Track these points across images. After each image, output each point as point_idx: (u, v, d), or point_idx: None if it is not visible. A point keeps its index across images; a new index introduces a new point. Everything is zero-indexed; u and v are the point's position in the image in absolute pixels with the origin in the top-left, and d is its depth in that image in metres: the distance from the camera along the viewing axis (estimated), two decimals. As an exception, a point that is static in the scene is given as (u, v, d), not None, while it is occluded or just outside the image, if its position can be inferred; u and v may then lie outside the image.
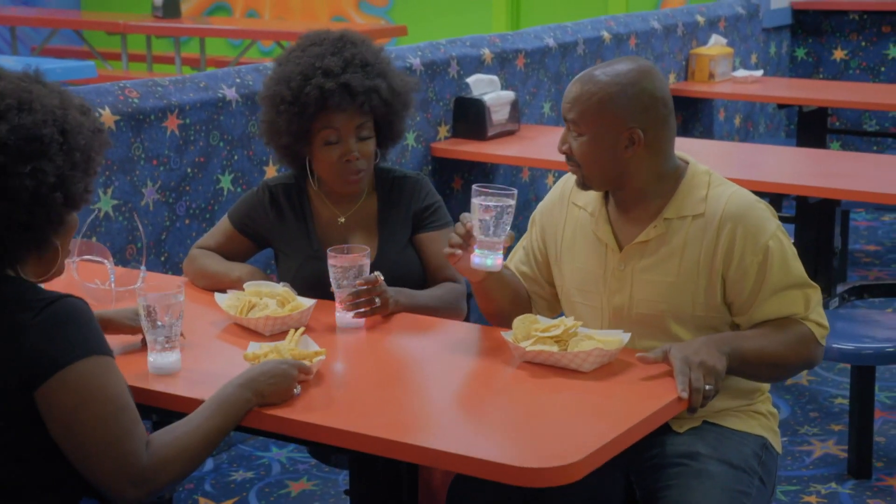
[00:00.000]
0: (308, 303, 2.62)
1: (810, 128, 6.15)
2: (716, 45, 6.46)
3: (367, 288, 2.59)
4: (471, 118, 4.83)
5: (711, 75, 6.31)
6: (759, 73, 6.49)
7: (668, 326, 2.48)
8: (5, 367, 1.95)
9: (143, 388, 2.27)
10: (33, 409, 1.95)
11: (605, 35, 5.80)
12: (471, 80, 4.88)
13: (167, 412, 2.31)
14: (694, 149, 4.58)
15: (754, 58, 7.11)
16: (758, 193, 2.57)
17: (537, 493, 2.37)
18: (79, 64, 5.79)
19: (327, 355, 2.34)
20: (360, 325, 2.63)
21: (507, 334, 2.40)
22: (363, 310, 2.60)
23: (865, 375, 3.76)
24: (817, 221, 4.63)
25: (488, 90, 4.90)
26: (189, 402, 2.20)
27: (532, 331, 2.38)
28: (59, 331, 1.96)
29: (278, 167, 4.11)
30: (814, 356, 2.47)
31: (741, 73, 6.42)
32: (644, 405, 2.17)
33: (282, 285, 2.71)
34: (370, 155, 2.85)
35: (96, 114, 2.15)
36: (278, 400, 2.16)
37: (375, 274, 2.63)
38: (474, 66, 4.98)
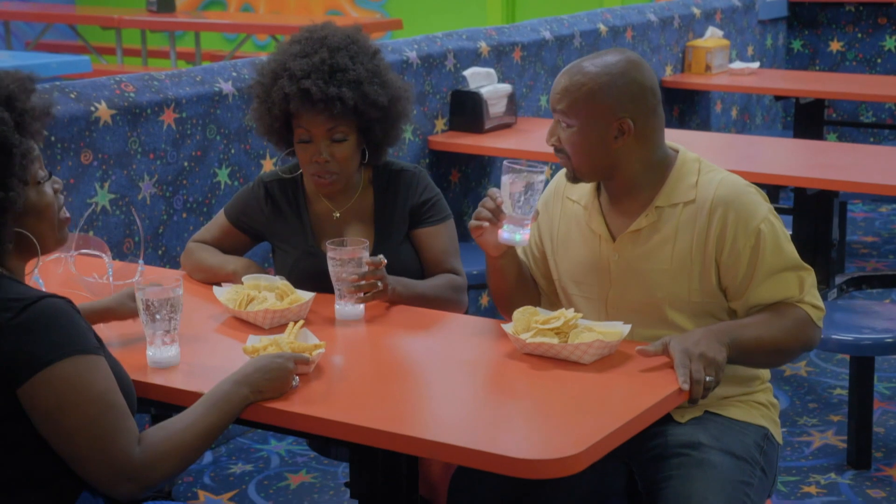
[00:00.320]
0: (307, 296, 2.61)
1: (807, 119, 6.15)
2: (712, 37, 6.46)
3: (371, 270, 2.59)
4: (468, 111, 4.82)
5: (708, 67, 6.31)
6: (755, 65, 6.49)
7: (664, 314, 2.48)
8: None
9: (142, 381, 2.26)
10: (17, 406, 1.93)
11: (602, 28, 5.79)
12: (468, 73, 4.87)
13: (166, 405, 2.31)
14: (691, 141, 4.58)
15: (751, 50, 7.11)
16: (756, 185, 2.57)
17: (538, 484, 2.37)
18: (73, 58, 5.79)
19: (327, 348, 2.33)
20: (361, 317, 2.63)
21: (508, 326, 2.40)
22: (365, 294, 2.60)
23: (864, 366, 3.77)
24: (815, 213, 4.64)
25: (485, 83, 4.89)
26: (188, 395, 2.20)
27: (532, 323, 2.38)
28: (40, 331, 1.93)
29: (276, 160, 4.11)
30: (812, 339, 2.48)
31: (738, 65, 6.42)
32: (645, 397, 2.17)
33: (279, 279, 2.70)
34: (345, 159, 2.79)
35: (34, 88, 2.07)
36: (276, 394, 2.16)
37: (379, 257, 2.63)
38: (471, 59, 4.98)
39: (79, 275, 2.81)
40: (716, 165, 2.55)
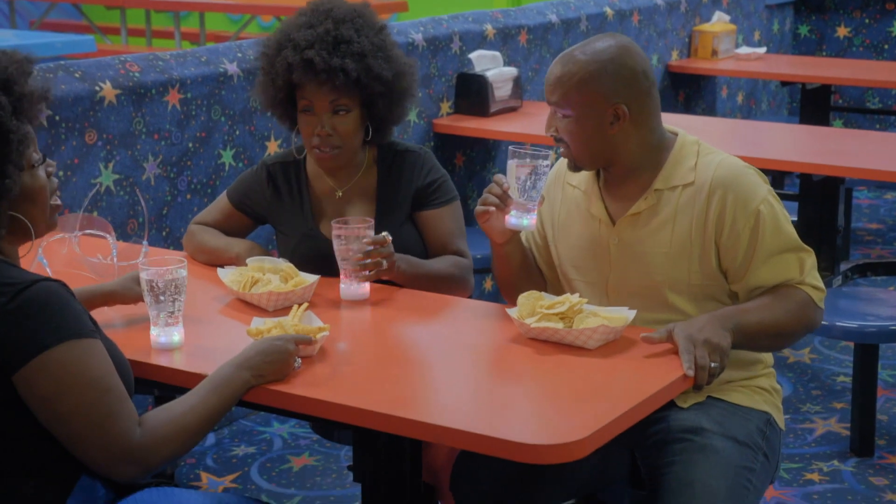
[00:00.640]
0: (311, 279, 2.60)
1: (813, 105, 6.13)
2: (719, 21, 6.43)
3: (375, 249, 2.59)
4: (473, 94, 4.81)
5: (714, 52, 6.29)
6: (762, 50, 6.46)
7: (665, 297, 2.48)
8: None
9: (146, 362, 2.26)
10: (13, 392, 1.93)
11: (608, 11, 5.77)
12: (473, 55, 4.86)
13: (169, 387, 2.31)
14: (696, 126, 4.58)
15: (757, 35, 7.08)
16: (761, 170, 2.56)
17: (541, 469, 2.37)
18: (78, 38, 5.76)
19: (331, 331, 2.33)
20: (366, 297, 2.62)
21: (513, 311, 2.40)
22: (369, 272, 2.60)
23: (868, 353, 3.76)
24: (821, 199, 4.62)
25: (491, 66, 4.88)
26: (191, 376, 2.19)
27: (537, 307, 2.37)
28: (35, 316, 1.92)
29: (280, 142, 4.10)
30: (814, 320, 2.48)
31: (744, 50, 6.40)
32: (649, 383, 2.16)
33: (283, 261, 2.70)
34: (347, 132, 2.78)
35: (31, 70, 2.04)
36: (278, 377, 2.15)
37: (384, 234, 2.62)
38: (477, 41, 4.96)
39: (83, 255, 2.81)
40: (715, 148, 2.55)
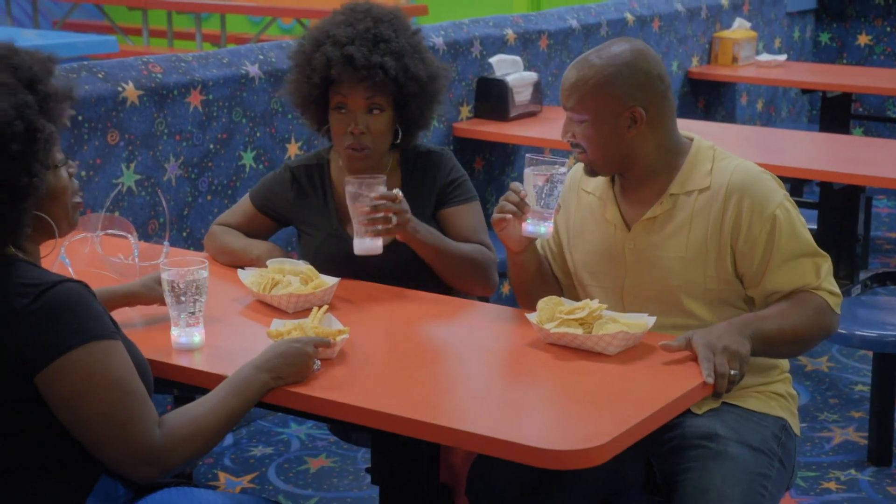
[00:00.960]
0: (331, 281, 2.61)
1: (833, 113, 6.11)
2: (739, 28, 6.42)
3: (384, 203, 2.59)
4: (493, 99, 4.81)
5: (735, 59, 6.27)
6: (782, 57, 6.44)
7: (681, 302, 2.48)
8: (1, 352, 1.92)
9: (166, 362, 2.27)
10: (35, 392, 1.93)
11: (629, 17, 5.76)
12: (493, 60, 4.86)
13: (189, 387, 2.31)
14: (716, 133, 4.57)
15: (778, 42, 7.06)
16: (781, 179, 2.55)
17: (557, 474, 2.37)
18: (100, 38, 5.79)
19: (350, 334, 2.33)
20: (378, 251, 2.63)
21: (532, 316, 2.39)
22: (379, 227, 2.60)
23: (887, 363, 3.74)
24: (841, 208, 4.60)
25: (511, 71, 4.87)
26: (211, 377, 2.20)
27: (557, 313, 2.37)
28: (57, 318, 1.93)
29: (301, 144, 4.10)
30: (831, 326, 2.48)
31: (765, 57, 6.38)
32: (669, 389, 2.16)
33: (303, 263, 2.70)
34: (379, 132, 2.78)
35: (55, 70, 2.05)
36: (296, 379, 2.15)
37: (395, 191, 2.63)
38: (497, 46, 4.96)
39: (105, 255, 2.82)
40: (731, 153, 2.54)
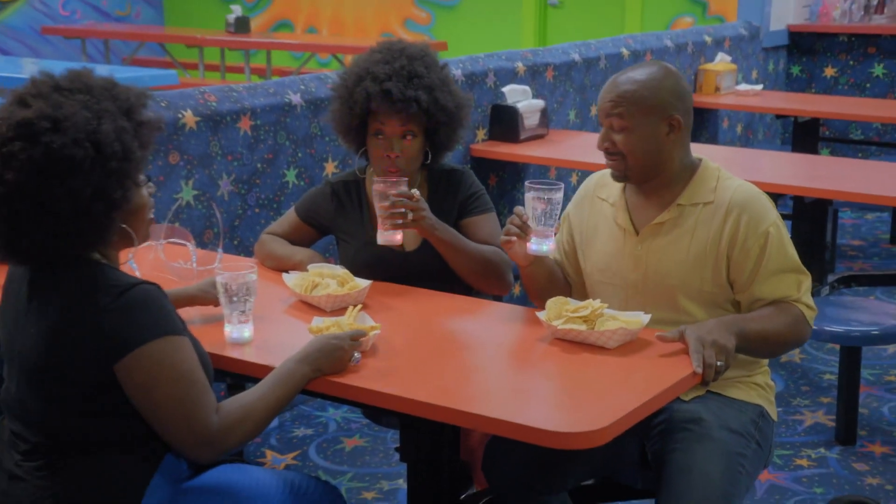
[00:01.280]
0: (365, 283, 2.60)
1: (804, 136, 6.08)
2: (721, 62, 6.39)
3: (400, 200, 2.60)
4: (505, 123, 4.79)
5: (717, 88, 6.24)
6: (759, 87, 6.42)
7: (677, 300, 2.47)
8: (87, 343, 1.93)
9: (220, 354, 2.26)
10: (113, 379, 1.94)
11: (624, 51, 5.74)
12: (506, 89, 4.84)
13: (240, 376, 2.31)
14: (701, 153, 4.50)
15: (755, 73, 7.03)
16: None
17: (562, 453, 2.35)
18: (162, 72, 5.80)
19: (381, 330, 2.32)
20: (397, 242, 2.65)
21: (542, 314, 2.38)
22: (398, 221, 2.61)
23: (852, 355, 3.72)
24: (811, 219, 4.58)
25: (521, 98, 4.86)
26: (259, 367, 2.20)
27: (563, 311, 2.36)
28: (135, 314, 1.93)
29: (337, 163, 4.10)
30: (804, 335, 2.48)
31: (743, 87, 6.35)
32: (662, 378, 2.14)
33: (340, 268, 2.69)
34: (412, 156, 2.78)
35: (148, 103, 2.06)
36: (334, 371, 2.15)
37: (413, 190, 2.63)
38: (509, 77, 4.95)
39: (167, 261, 2.81)
40: (733, 175, 2.54)
